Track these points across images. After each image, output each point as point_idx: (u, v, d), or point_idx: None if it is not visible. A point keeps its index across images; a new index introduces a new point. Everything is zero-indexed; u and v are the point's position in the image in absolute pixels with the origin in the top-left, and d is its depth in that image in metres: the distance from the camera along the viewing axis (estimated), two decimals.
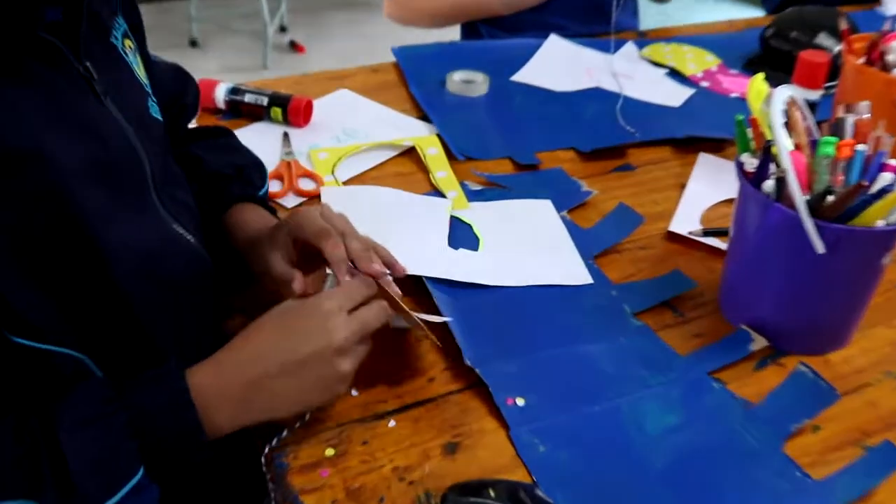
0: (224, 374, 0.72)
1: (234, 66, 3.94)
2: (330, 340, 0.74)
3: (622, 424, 0.83)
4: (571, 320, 0.97)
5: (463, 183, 1.21)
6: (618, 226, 1.14)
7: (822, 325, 0.94)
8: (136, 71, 0.85)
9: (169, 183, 0.83)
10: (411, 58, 1.55)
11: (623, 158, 1.31)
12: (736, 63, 1.65)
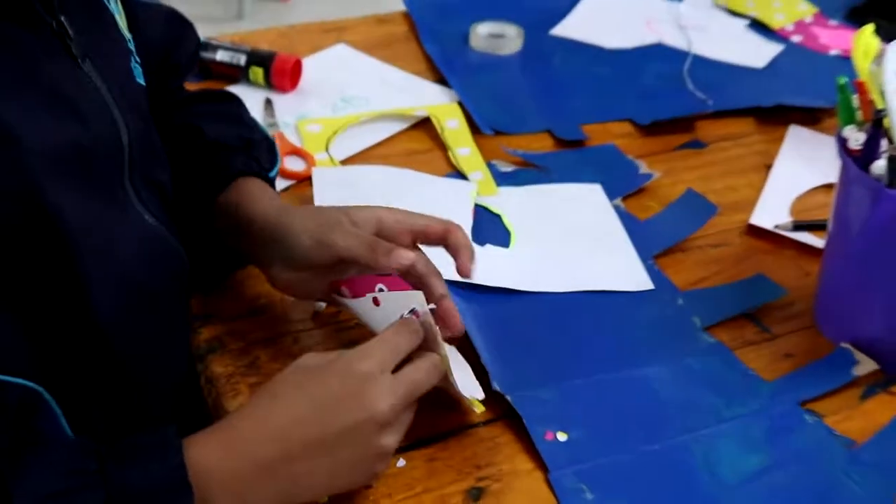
0: (233, 451, 0.71)
1: (202, 16, 3.94)
2: (371, 412, 0.72)
3: (690, 468, 0.83)
4: (626, 336, 0.97)
5: (491, 163, 1.21)
6: (686, 217, 1.14)
7: None
8: (119, 23, 0.85)
9: (147, 162, 0.83)
10: (426, 6, 1.55)
11: (691, 133, 1.31)
12: (836, 12, 1.65)
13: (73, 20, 0.73)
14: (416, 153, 1.23)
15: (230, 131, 1.00)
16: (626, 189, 1.18)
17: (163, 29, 1.05)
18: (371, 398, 0.72)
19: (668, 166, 1.23)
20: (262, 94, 1.32)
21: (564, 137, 1.27)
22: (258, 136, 1.03)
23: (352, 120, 1.27)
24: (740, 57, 1.49)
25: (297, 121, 1.27)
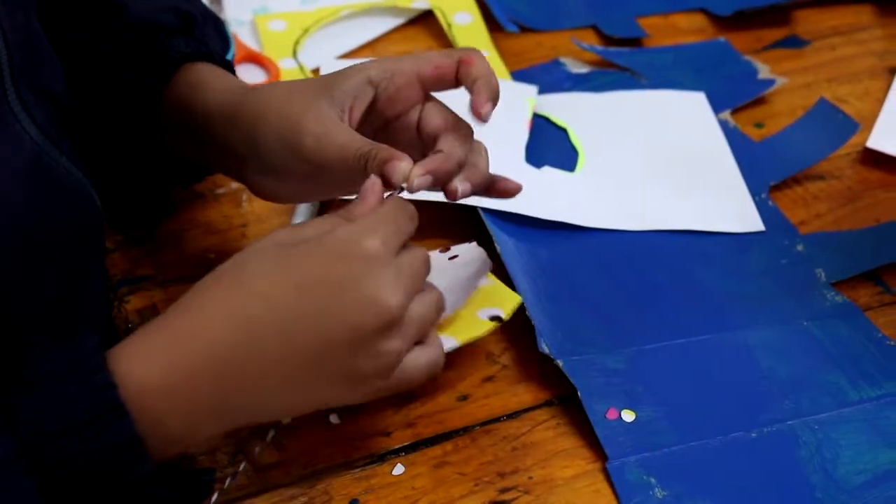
0: (176, 361, 0.70)
1: None
2: (381, 303, 0.71)
3: (796, 463, 0.84)
4: (724, 290, 0.99)
5: (558, 61, 1.23)
6: (818, 136, 1.14)
7: None
8: None
9: (35, 68, 0.82)
10: None
11: (788, 27, 1.31)
12: None
13: None
14: None
15: (161, 3, 0.99)
16: (739, 99, 1.19)
17: None
18: (380, 284, 0.71)
19: None
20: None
21: (615, 35, 1.27)
22: (198, 11, 1.02)
23: (327, 14, 1.27)
24: None
25: (253, 16, 1.27)
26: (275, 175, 0.86)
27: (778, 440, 0.84)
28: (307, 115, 0.84)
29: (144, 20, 0.96)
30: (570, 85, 1.19)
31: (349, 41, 1.25)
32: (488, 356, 0.91)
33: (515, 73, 1.20)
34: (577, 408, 0.85)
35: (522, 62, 1.23)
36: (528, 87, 1.16)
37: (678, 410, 0.86)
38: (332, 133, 0.82)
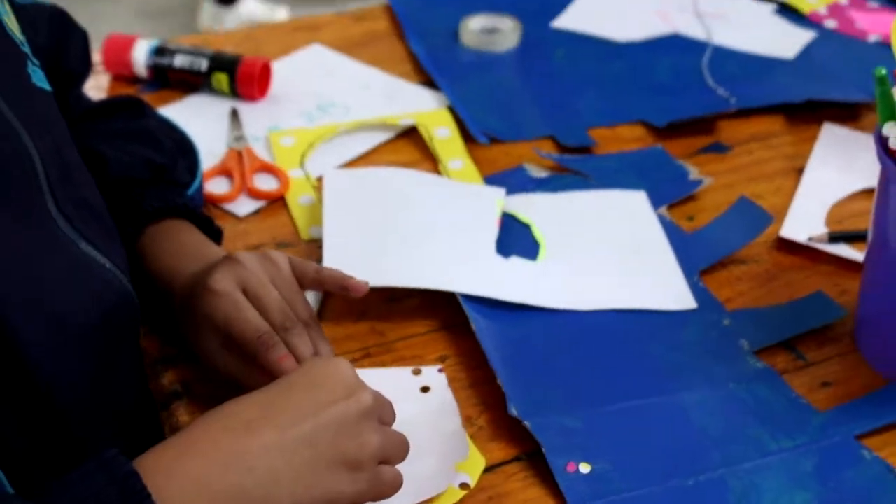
0: (195, 448, 0.70)
1: (155, 9, 3.97)
2: (357, 398, 0.74)
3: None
4: (663, 359, 1.00)
5: (522, 167, 1.24)
6: (738, 228, 1.15)
7: None
8: (7, 24, 0.85)
9: (68, 180, 0.84)
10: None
11: (713, 135, 1.32)
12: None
13: None
14: (402, 167, 1.24)
15: (136, 157, 1.01)
16: (673, 197, 1.20)
17: (47, 31, 1.04)
18: (356, 383, 0.75)
19: None
20: (228, 103, 1.33)
21: (569, 144, 1.28)
22: (168, 149, 1.05)
23: (329, 131, 1.28)
24: (767, 47, 1.50)
25: (267, 133, 1.28)
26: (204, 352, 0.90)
27: (710, 486, 0.86)
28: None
29: (123, 174, 0.99)
30: (532, 187, 1.21)
31: (347, 153, 1.26)
32: (467, 419, 0.92)
33: (487, 177, 1.22)
34: (541, 462, 0.86)
35: (492, 168, 1.24)
36: (497, 189, 1.18)
37: (627, 463, 0.88)
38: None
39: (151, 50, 1.36)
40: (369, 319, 1.02)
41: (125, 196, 0.98)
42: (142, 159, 1.01)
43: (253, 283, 0.87)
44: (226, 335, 0.87)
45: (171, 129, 1.09)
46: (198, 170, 1.08)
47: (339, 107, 1.34)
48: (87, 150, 0.98)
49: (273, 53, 1.42)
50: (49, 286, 0.76)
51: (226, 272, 0.87)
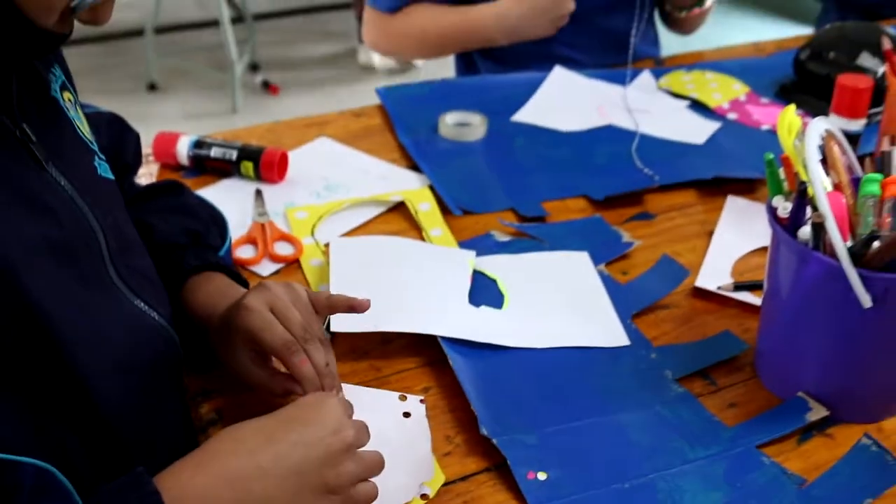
0: (208, 468, 0.72)
1: (199, 112, 3.98)
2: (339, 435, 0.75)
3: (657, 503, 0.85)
4: (603, 387, 1.00)
5: (489, 234, 1.24)
6: (662, 280, 1.16)
7: (875, 389, 0.96)
8: (79, 127, 0.86)
9: (128, 252, 0.85)
10: (398, 99, 1.58)
11: (641, 206, 1.33)
12: (767, 90, 1.68)
13: (35, 126, 0.75)
14: (393, 235, 1.24)
15: (177, 227, 1.02)
16: (609, 256, 1.20)
17: (106, 130, 1.05)
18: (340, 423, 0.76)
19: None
20: (253, 185, 1.33)
21: (526, 215, 1.28)
22: (204, 219, 1.06)
23: (335, 206, 1.29)
24: (682, 134, 1.51)
25: (285, 209, 1.29)
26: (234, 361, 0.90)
27: (643, 489, 0.86)
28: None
29: (167, 240, 0.99)
30: (497, 249, 1.21)
31: (349, 224, 1.26)
32: (447, 437, 0.92)
33: (461, 242, 1.22)
34: (507, 472, 0.87)
35: (465, 235, 1.24)
36: (469, 252, 1.18)
37: (576, 471, 0.88)
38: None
39: (192, 143, 1.36)
40: (368, 358, 1.02)
41: (169, 257, 0.98)
42: (181, 228, 1.02)
43: (279, 304, 0.88)
44: (255, 346, 0.88)
45: (204, 204, 1.09)
46: (227, 235, 1.08)
47: (343, 187, 1.34)
48: (139, 221, 0.99)
49: (289, 145, 1.43)
50: (110, 335, 0.77)
51: (257, 294, 0.88)
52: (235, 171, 1.35)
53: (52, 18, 0.69)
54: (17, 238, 0.69)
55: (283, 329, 0.86)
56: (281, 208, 1.29)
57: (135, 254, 0.88)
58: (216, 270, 1.00)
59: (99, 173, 0.86)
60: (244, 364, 0.89)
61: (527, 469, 0.87)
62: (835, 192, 0.92)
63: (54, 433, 0.71)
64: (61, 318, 0.70)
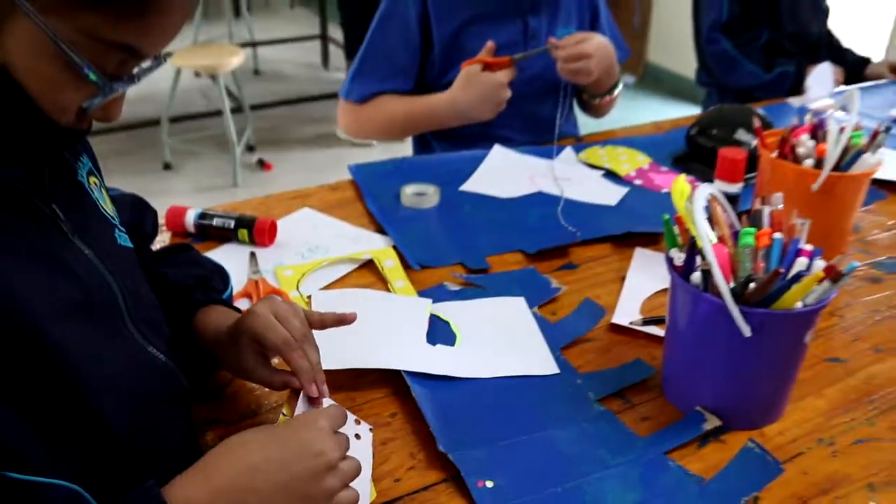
0: (211, 481, 0.71)
1: (207, 186, 3.97)
2: (324, 454, 0.74)
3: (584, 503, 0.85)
4: (539, 408, 0.99)
5: (443, 284, 1.23)
6: (584, 319, 1.16)
7: (757, 401, 0.97)
8: (102, 205, 0.86)
9: (142, 306, 0.84)
10: (367, 174, 1.58)
11: (566, 258, 1.33)
12: (666, 160, 1.70)
13: (63, 206, 0.76)
14: (363, 287, 1.24)
15: (187, 273, 1.02)
16: (541, 300, 1.20)
17: (129, 208, 1.06)
18: (325, 445, 0.75)
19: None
20: (248, 249, 1.33)
21: (473, 267, 1.28)
22: (210, 269, 1.06)
23: (316, 265, 1.28)
24: (598, 198, 1.52)
25: (274, 268, 1.28)
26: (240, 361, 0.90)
27: (573, 492, 0.86)
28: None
29: (178, 283, 0.99)
30: (450, 297, 1.21)
31: (327, 279, 1.26)
32: (411, 454, 0.91)
33: (420, 291, 1.22)
34: (461, 482, 0.87)
35: (423, 286, 1.23)
36: (426, 300, 1.18)
37: (517, 479, 0.88)
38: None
39: (197, 215, 1.36)
40: (345, 390, 1.01)
41: (181, 296, 0.98)
42: (191, 274, 1.02)
43: (281, 311, 0.89)
44: (259, 345, 0.88)
45: (209, 259, 1.10)
46: (229, 284, 1.08)
47: (322, 248, 1.34)
48: (155, 274, 1.00)
49: (278, 214, 1.43)
50: (124, 375, 0.76)
51: (263, 303, 0.90)
52: (233, 237, 1.35)
53: (69, 118, 0.70)
54: (46, 299, 0.69)
55: (285, 329, 0.87)
56: (271, 267, 1.28)
57: (148, 308, 0.87)
58: (220, 304, 1.00)
59: (119, 243, 0.86)
60: (249, 363, 0.90)
61: (477, 478, 0.87)
62: (719, 245, 0.94)
63: (75, 458, 0.70)
64: (82, 363, 0.70)
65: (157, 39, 0.69)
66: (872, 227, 1.47)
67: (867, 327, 1.17)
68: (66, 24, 0.64)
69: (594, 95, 1.78)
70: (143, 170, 4.07)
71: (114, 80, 0.69)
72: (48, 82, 0.66)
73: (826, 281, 0.89)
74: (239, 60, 4.04)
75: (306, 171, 4.15)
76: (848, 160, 1.25)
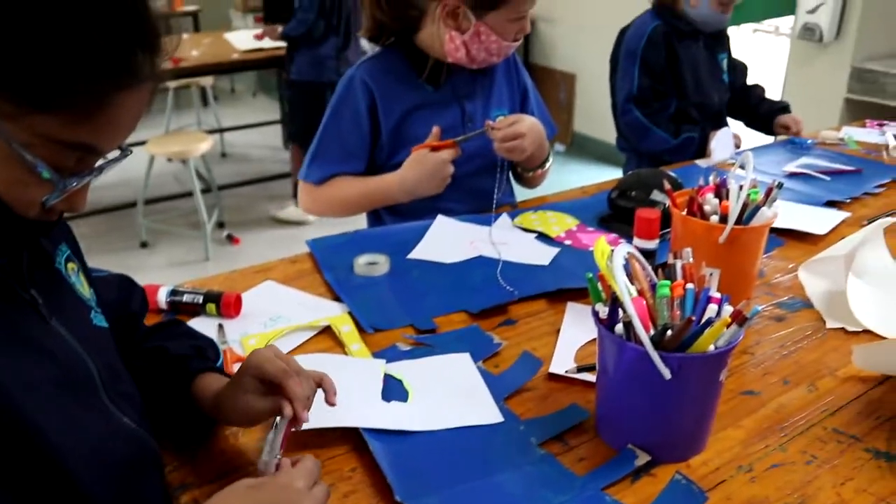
0: None
1: (181, 261, 3.94)
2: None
3: None
4: (487, 454, 0.98)
5: (395, 345, 1.22)
6: (524, 370, 1.16)
7: (682, 436, 0.97)
8: (79, 289, 0.85)
9: (116, 381, 0.83)
10: (323, 247, 1.58)
11: (506, 314, 1.33)
12: (592, 221, 1.72)
13: (41, 290, 0.75)
14: (323, 352, 1.23)
15: (185, 345, 1.01)
16: (485, 354, 1.20)
17: (117, 287, 1.05)
18: (298, 497, 0.74)
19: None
20: (216, 321, 1.31)
21: (422, 328, 1.28)
22: (204, 342, 1.05)
23: (278, 333, 1.27)
24: (532, 258, 1.53)
25: (241, 338, 1.27)
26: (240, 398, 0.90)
27: None
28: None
29: (178, 353, 0.98)
30: (401, 356, 1.20)
31: (289, 345, 1.24)
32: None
33: (374, 353, 1.21)
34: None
35: (377, 347, 1.23)
36: (380, 360, 1.17)
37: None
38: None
39: (168, 292, 1.34)
40: (308, 448, 0.99)
41: (180, 365, 0.97)
42: (188, 345, 1.02)
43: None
44: (260, 380, 0.89)
45: (200, 332, 1.09)
46: (219, 355, 1.08)
47: (284, 317, 1.33)
48: (156, 347, 1.00)
49: (243, 288, 1.41)
50: (103, 446, 0.75)
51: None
52: (202, 311, 1.33)
53: (34, 212, 0.70)
54: (23, 379, 0.68)
55: (283, 363, 0.88)
56: (238, 337, 1.27)
57: (122, 381, 0.86)
58: (215, 372, 0.99)
59: (94, 323, 0.85)
60: (248, 397, 0.89)
61: None
62: (638, 298, 0.95)
63: None
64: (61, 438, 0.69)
65: (113, 137, 0.69)
66: (775, 272, 1.51)
67: (775, 362, 1.19)
68: (21, 128, 0.64)
69: (527, 170, 1.81)
70: (122, 248, 4.03)
71: (73, 176, 0.69)
72: (9, 181, 0.66)
73: (733, 325, 0.91)
74: (207, 146, 4.05)
75: (271, 244, 4.14)
76: (748, 214, 1.29)
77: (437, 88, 1.72)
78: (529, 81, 1.90)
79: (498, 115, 1.74)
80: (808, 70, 4.14)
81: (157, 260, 3.96)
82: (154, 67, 0.69)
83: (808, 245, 1.62)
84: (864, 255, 1.44)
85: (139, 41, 0.67)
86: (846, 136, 2.45)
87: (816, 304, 1.37)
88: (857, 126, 2.66)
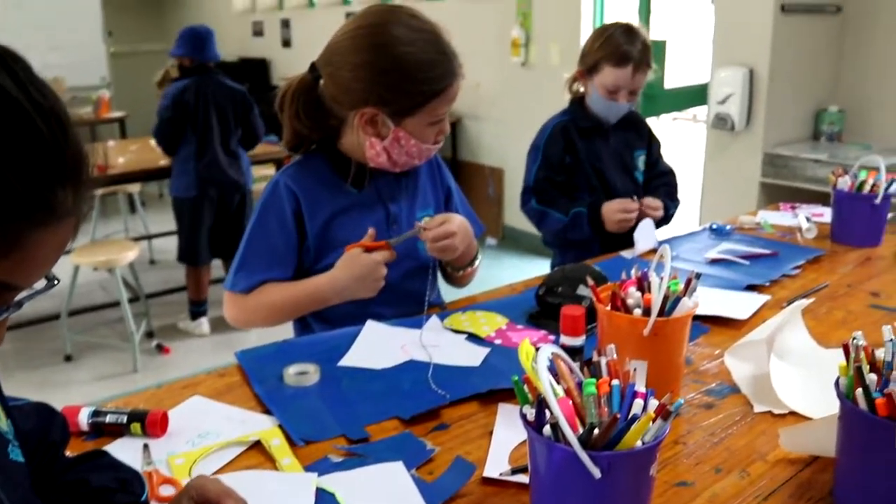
0: None
1: (108, 374, 3.83)
2: None
3: None
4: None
5: (326, 457, 1.20)
6: (457, 476, 1.15)
7: None
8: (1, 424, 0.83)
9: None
10: (252, 359, 1.56)
11: (438, 419, 1.33)
12: (521, 319, 1.74)
13: None
14: (252, 467, 1.20)
15: (107, 477, 0.98)
16: (418, 462, 1.19)
17: (35, 416, 1.01)
18: None
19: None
20: (141, 441, 1.28)
21: (354, 438, 1.26)
22: (128, 474, 1.02)
23: (206, 450, 1.24)
24: (462, 360, 1.54)
25: (167, 457, 1.23)
26: None
27: None
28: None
29: (101, 486, 0.96)
30: (333, 468, 1.17)
31: (218, 463, 1.21)
32: None
33: (305, 466, 1.18)
34: None
35: (308, 460, 1.20)
36: (312, 474, 1.15)
37: None
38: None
39: (90, 413, 1.31)
40: None
41: (102, 500, 0.95)
42: (112, 476, 0.99)
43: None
44: (200, 499, 0.92)
45: (124, 464, 1.05)
46: (145, 489, 1.04)
47: (213, 433, 1.30)
48: (77, 479, 0.97)
49: (169, 404, 1.38)
50: None
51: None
52: (127, 432, 1.29)
53: None
54: None
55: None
56: (164, 457, 1.23)
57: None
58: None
59: (11, 458, 0.82)
60: None
61: None
62: (565, 398, 0.97)
63: None
64: None
65: (30, 274, 0.68)
66: (702, 359, 1.55)
67: (706, 450, 1.22)
68: None
69: (457, 268, 1.85)
70: (45, 363, 3.91)
71: None
72: None
73: (658, 419, 0.93)
74: (134, 254, 4.01)
75: (202, 353, 4.06)
76: (670, 305, 1.33)
77: (360, 191, 1.75)
78: (453, 181, 1.95)
79: (424, 216, 1.78)
80: (724, 156, 4.35)
81: (82, 374, 3.84)
82: (77, 200, 0.66)
83: (732, 330, 1.67)
84: (784, 337, 1.49)
85: (59, 177, 0.64)
86: (762, 221, 2.56)
87: (743, 388, 1.41)
88: (772, 210, 2.79)
